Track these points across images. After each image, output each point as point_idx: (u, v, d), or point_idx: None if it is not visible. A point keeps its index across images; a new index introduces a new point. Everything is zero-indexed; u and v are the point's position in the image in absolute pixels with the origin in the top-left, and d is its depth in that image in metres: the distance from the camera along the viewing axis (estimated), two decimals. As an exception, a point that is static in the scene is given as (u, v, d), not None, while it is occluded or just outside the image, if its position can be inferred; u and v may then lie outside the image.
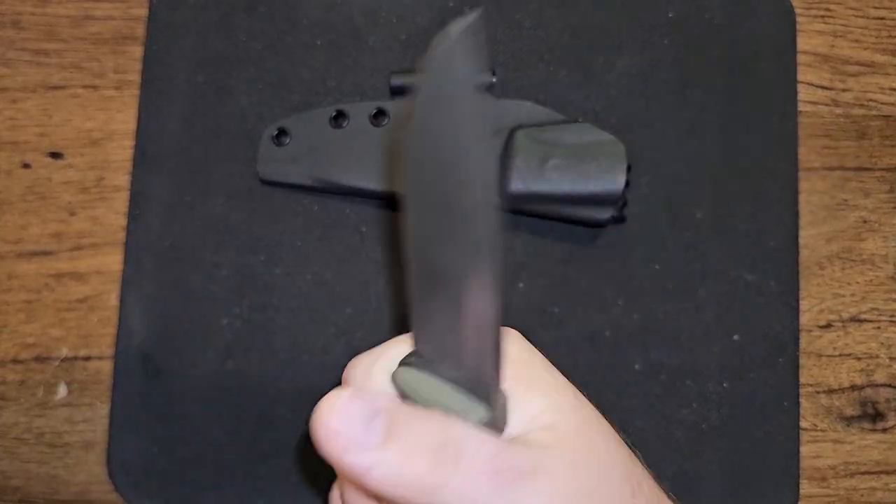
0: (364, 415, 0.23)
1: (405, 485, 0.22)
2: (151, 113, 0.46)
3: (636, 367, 0.44)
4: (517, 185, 0.42)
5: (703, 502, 0.43)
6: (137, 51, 0.46)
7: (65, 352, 0.44)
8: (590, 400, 0.30)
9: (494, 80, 0.45)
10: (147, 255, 0.44)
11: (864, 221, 0.47)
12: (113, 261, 0.45)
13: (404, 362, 0.26)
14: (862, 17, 0.48)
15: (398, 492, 0.22)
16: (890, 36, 0.48)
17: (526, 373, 0.26)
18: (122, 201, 0.45)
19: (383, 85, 0.46)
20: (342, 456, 0.22)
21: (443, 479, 0.22)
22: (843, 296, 0.46)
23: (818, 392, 0.45)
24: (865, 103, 0.47)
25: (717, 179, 0.45)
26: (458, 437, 0.23)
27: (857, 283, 0.46)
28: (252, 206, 0.45)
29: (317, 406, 0.23)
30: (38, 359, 0.44)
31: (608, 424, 0.26)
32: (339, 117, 0.45)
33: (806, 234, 0.46)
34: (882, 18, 0.48)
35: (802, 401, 0.45)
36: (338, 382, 0.46)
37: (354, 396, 0.23)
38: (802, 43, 0.47)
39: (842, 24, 0.48)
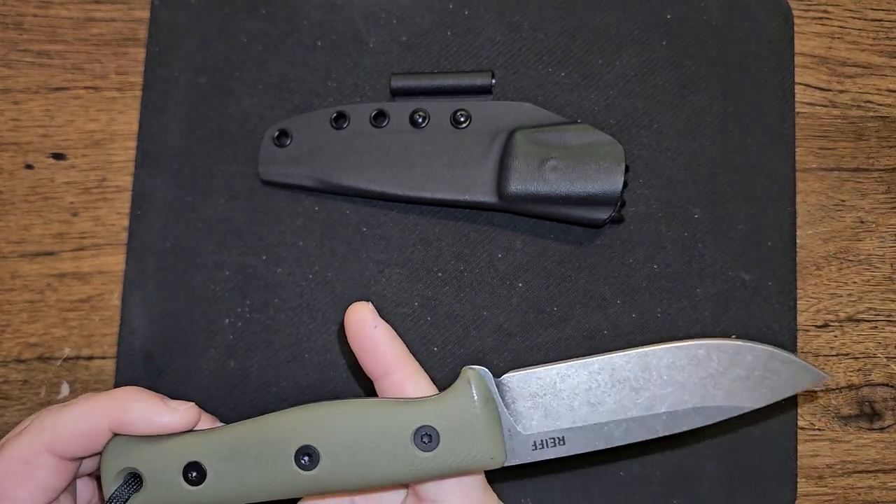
0: None
1: None
2: (153, 114, 0.46)
3: (634, 366, 0.44)
4: (516, 185, 0.42)
5: (701, 501, 0.44)
6: (139, 52, 0.47)
7: (67, 351, 0.45)
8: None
9: (493, 81, 0.45)
10: (149, 255, 0.45)
11: (862, 222, 0.47)
12: (115, 261, 0.45)
13: None
14: (859, 18, 0.48)
15: None
16: (887, 37, 0.48)
17: None
18: (124, 202, 0.46)
19: (384, 86, 0.46)
20: None
21: None
22: (841, 296, 0.46)
23: (816, 391, 0.45)
24: (863, 104, 0.48)
25: (714, 180, 0.46)
26: None
27: (855, 283, 0.46)
28: (253, 206, 0.45)
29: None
30: (41, 358, 0.45)
31: None
32: (339, 118, 0.45)
33: (803, 235, 0.46)
34: (879, 20, 0.48)
35: (800, 400, 0.45)
36: (338, 381, 0.46)
37: None
38: (800, 44, 0.48)
39: (839, 26, 0.48)
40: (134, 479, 0.32)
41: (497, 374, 0.32)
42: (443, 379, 0.44)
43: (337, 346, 0.44)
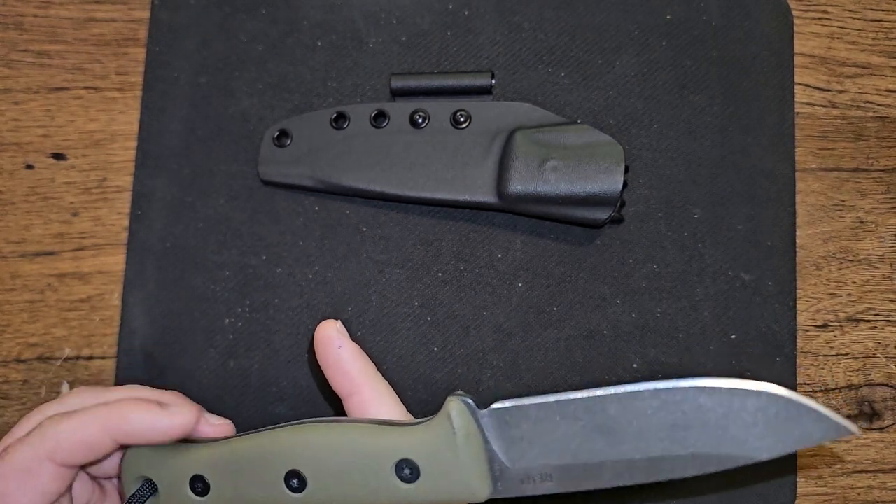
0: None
1: None
2: (153, 114, 0.46)
3: (634, 365, 0.44)
4: (516, 186, 0.42)
5: (701, 501, 0.44)
6: (139, 53, 0.47)
7: (67, 351, 0.45)
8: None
9: (493, 81, 0.45)
10: (149, 255, 0.45)
11: (861, 222, 0.47)
12: (115, 261, 0.45)
13: None
14: (859, 18, 0.48)
15: None
16: (887, 38, 0.48)
17: None
18: (124, 202, 0.46)
19: (384, 87, 0.46)
20: None
21: None
22: (840, 296, 0.46)
23: (815, 391, 0.46)
24: (862, 105, 0.48)
25: (714, 180, 0.46)
26: None
27: (854, 283, 0.46)
28: (253, 206, 0.45)
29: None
30: (41, 358, 0.45)
31: None
32: (339, 119, 0.45)
33: (803, 235, 0.46)
34: (879, 20, 0.48)
35: (799, 400, 0.45)
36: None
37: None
38: (799, 44, 0.48)
39: (839, 26, 0.48)
40: (150, 484, 0.34)
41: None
42: (442, 380, 0.44)
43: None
